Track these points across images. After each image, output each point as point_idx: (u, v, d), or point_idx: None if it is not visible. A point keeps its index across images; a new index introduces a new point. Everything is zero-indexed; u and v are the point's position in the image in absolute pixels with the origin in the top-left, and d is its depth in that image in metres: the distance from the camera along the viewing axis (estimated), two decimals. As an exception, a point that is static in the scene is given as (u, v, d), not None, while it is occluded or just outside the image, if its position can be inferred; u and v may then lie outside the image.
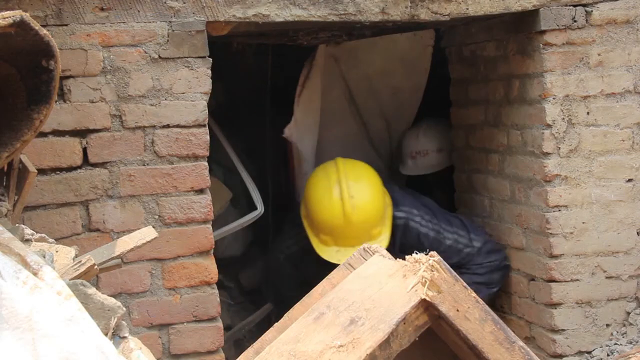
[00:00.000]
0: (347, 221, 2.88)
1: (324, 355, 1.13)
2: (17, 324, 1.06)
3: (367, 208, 2.91)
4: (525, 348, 1.19)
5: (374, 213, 2.93)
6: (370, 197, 2.94)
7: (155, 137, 2.44)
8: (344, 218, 2.88)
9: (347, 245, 2.88)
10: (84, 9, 2.36)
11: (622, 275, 2.89)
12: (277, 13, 2.52)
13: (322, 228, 2.93)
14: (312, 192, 2.99)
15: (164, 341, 2.46)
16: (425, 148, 3.68)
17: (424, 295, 1.15)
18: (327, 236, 2.92)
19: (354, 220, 2.88)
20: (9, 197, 1.67)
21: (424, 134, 3.70)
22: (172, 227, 2.46)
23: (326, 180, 2.97)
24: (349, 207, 2.88)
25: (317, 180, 3.01)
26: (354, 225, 2.88)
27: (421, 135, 3.70)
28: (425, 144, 3.69)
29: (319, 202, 2.94)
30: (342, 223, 2.88)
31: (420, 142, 3.69)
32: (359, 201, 2.90)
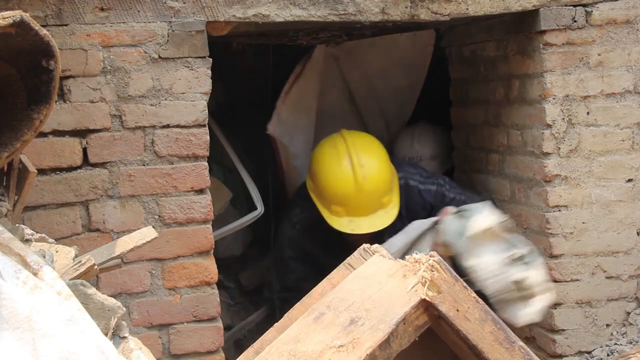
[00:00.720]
0: (359, 190, 2.88)
1: (324, 355, 1.13)
2: (17, 324, 1.06)
3: (377, 176, 2.92)
4: (525, 348, 1.19)
5: (383, 181, 2.93)
6: (379, 165, 2.95)
7: (155, 137, 2.44)
8: (356, 187, 2.88)
9: (360, 214, 2.89)
10: (84, 9, 2.36)
11: (622, 275, 2.89)
12: (277, 13, 2.52)
13: (334, 199, 2.91)
14: (321, 164, 2.98)
15: (164, 341, 2.46)
16: (418, 154, 3.68)
17: (424, 295, 1.15)
18: (339, 207, 2.90)
19: (366, 189, 2.88)
20: (9, 197, 1.67)
21: (417, 141, 3.71)
22: (172, 227, 2.46)
23: (335, 152, 2.97)
24: (360, 176, 2.88)
25: (325, 152, 3.01)
26: (366, 194, 2.88)
27: (415, 142, 3.71)
28: (418, 151, 3.69)
29: (330, 173, 2.93)
30: (355, 192, 2.88)
31: (414, 149, 3.70)
32: (370, 170, 2.90)
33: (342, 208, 2.89)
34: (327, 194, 2.92)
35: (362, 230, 2.86)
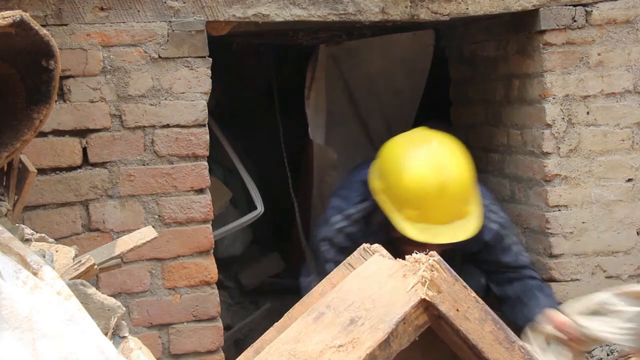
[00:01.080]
0: (441, 192, 2.48)
1: (324, 355, 1.13)
2: (17, 324, 1.06)
3: (462, 178, 2.53)
4: (525, 348, 1.19)
5: (467, 185, 2.57)
6: (464, 167, 2.57)
7: (155, 137, 2.44)
8: (439, 188, 2.48)
9: (437, 221, 2.50)
10: (83, 8, 2.36)
11: (622, 275, 2.89)
12: (277, 13, 2.52)
13: (410, 201, 2.50)
14: (398, 161, 2.57)
15: (164, 341, 2.46)
16: None
17: (423, 295, 1.15)
18: (414, 211, 2.49)
19: (449, 191, 2.48)
20: (8, 197, 1.67)
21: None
22: (172, 226, 2.46)
23: (414, 148, 2.59)
24: (444, 176, 2.49)
25: (403, 148, 2.62)
26: (448, 197, 2.50)
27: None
28: None
29: (408, 170, 2.51)
30: (436, 194, 2.48)
31: None
32: (454, 171, 2.52)
33: (418, 212, 2.50)
34: (402, 195, 2.51)
35: (439, 239, 2.46)
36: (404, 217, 2.50)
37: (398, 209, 2.52)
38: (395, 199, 2.53)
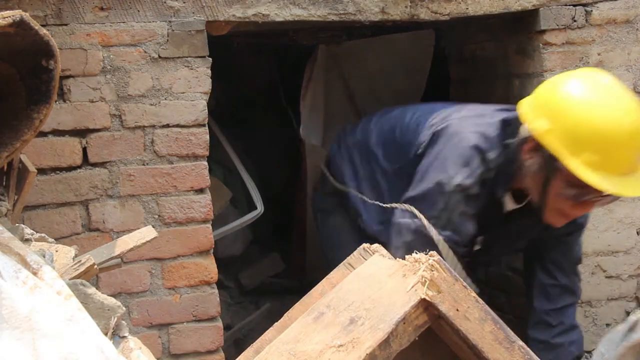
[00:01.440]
0: (632, 137, 2.13)
1: (323, 354, 1.13)
2: (17, 324, 1.06)
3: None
4: (525, 348, 1.19)
5: None
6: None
7: (155, 136, 2.44)
8: (630, 132, 2.11)
9: (616, 171, 2.12)
10: (83, 8, 2.36)
11: (622, 275, 2.89)
12: (277, 13, 2.52)
13: (593, 144, 2.11)
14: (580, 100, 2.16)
15: (164, 341, 2.47)
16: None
17: (423, 295, 1.15)
18: (594, 156, 2.10)
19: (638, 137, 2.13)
20: (8, 197, 1.67)
21: None
22: (172, 226, 2.46)
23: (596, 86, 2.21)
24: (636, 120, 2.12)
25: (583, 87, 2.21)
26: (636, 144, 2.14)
27: None
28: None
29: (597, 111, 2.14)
30: (627, 139, 2.12)
31: None
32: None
33: (599, 158, 2.11)
34: (585, 136, 2.12)
35: (628, 191, 2.13)
36: (580, 163, 2.10)
37: (574, 153, 2.11)
38: (572, 141, 2.13)
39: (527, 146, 2.20)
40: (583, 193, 2.13)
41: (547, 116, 2.17)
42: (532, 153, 2.19)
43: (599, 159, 2.09)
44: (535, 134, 2.16)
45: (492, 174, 2.25)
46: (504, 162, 2.25)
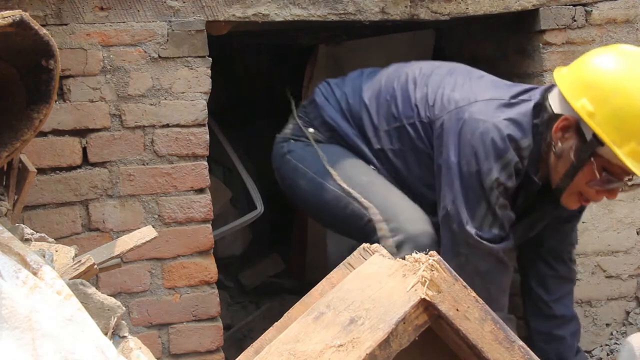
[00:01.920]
0: None
1: (323, 354, 1.13)
2: (17, 324, 1.06)
3: None
4: (525, 347, 1.19)
5: None
6: None
7: (155, 136, 2.44)
8: None
9: None
10: (83, 8, 2.36)
11: (622, 275, 2.89)
12: (276, 12, 2.52)
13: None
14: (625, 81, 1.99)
15: (164, 341, 2.47)
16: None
17: (423, 295, 1.15)
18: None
19: None
20: (8, 197, 1.67)
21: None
22: (171, 226, 2.46)
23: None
24: None
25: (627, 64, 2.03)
26: None
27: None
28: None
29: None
30: None
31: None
32: None
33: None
34: (634, 125, 1.98)
35: None
36: (624, 152, 1.98)
37: (619, 141, 1.98)
38: (620, 129, 1.98)
39: (560, 124, 2.08)
40: (615, 181, 2.06)
41: (590, 97, 2.01)
42: (565, 133, 2.08)
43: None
44: (576, 116, 2.03)
45: (526, 161, 2.13)
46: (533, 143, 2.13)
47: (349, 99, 2.45)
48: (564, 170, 2.11)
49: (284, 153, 2.52)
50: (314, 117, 2.51)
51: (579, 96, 2.02)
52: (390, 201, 2.28)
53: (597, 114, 1.99)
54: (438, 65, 2.43)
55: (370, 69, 2.55)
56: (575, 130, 2.06)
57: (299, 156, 2.47)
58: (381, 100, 2.38)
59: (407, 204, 2.28)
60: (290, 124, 2.59)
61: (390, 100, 2.35)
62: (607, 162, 2.03)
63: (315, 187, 2.38)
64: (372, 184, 2.32)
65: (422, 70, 2.38)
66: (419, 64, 2.44)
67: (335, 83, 2.56)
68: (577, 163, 2.07)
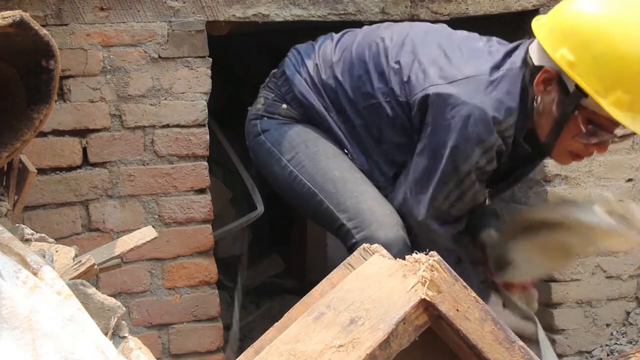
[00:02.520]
0: None
1: (323, 355, 1.13)
2: (17, 324, 1.06)
3: None
4: (525, 348, 1.19)
5: None
6: None
7: (155, 136, 2.44)
8: None
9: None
10: (84, 8, 2.36)
11: (622, 275, 2.89)
12: (277, 13, 2.52)
13: (627, 82, 1.86)
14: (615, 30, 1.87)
15: (164, 341, 2.47)
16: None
17: (423, 295, 1.15)
18: (626, 95, 1.86)
19: None
20: (8, 197, 1.67)
21: None
22: (172, 226, 2.46)
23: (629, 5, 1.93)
24: None
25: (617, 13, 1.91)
26: None
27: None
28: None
29: (629, 42, 1.86)
30: None
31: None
32: None
33: (631, 97, 1.88)
34: (618, 73, 1.87)
35: None
36: (609, 102, 1.87)
37: (603, 91, 1.87)
38: (602, 78, 1.87)
39: (540, 77, 1.97)
40: (602, 134, 1.95)
41: (570, 46, 1.90)
42: (547, 86, 1.97)
43: (630, 99, 1.86)
44: (556, 67, 1.93)
45: (510, 139, 2.02)
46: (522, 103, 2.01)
47: (321, 73, 2.27)
48: (549, 126, 2.00)
49: (257, 132, 2.37)
50: (286, 92, 2.33)
51: (558, 46, 1.91)
52: (363, 205, 2.18)
53: (578, 63, 1.88)
54: (409, 29, 2.23)
55: (340, 34, 2.35)
56: (557, 82, 1.95)
57: (273, 139, 2.32)
58: (354, 75, 2.21)
59: (379, 207, 2.17)
60: (261, 97, 2.41)
61: (364, 76, 2.19)
62: (592, 113, 1.92)
63: (289, 176, 2.27)
64: (345, 182, 2.21)
65: (394, 39, 2.20)
66: (390, 29, 2.27)
67: (305, 52, 2.36)
68: (561, 118, 1.96)
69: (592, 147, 2.00)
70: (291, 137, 2.29)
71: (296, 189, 2.27)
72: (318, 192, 2.22)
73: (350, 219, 2.17)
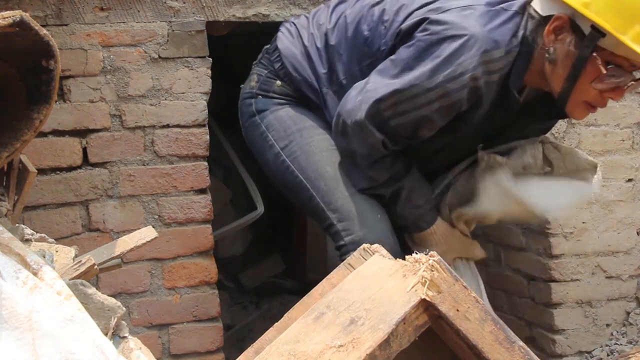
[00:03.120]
0: None
1: (324, 355, 1.13)
2: (17, 324, 1.06)
3: None
4: (525, 348, 1.19)
5: None
6: None
7: (155, 137, 2.44)
8: None
9: None
10: (84, 9, 2.36)
11: (622, 275, 2.89)
12: (277, 13, 2.52)
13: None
14: None
15: (164, 341, 2.47)
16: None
17: (423, 295, 1.15)
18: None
19: None
20: (9, 197, 1.67)
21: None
22: (172, 227, 2.46)
23: None
24: None
25: None
26: None
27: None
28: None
29: None
30: None
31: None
32: None
33: None
34: (636, 5, 1.85)
35: None
36: (630, 38, 1.81)
37: (622, 27, 1.81)
38: (619, 13, 1.82)
39: (552, 26, 1.91)
40: (622, 74, 1.88)
41: None
42: (559, 34, 1.91)
43: None
44: (568, 12, 1.87)
45: (495, 77, 1.94)
46: (517, 55, 1.93)
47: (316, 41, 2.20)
48: (565, 75, 1.92)
49: (252, 112, 2.29)
50: (279, 68, 2.25)
51: None
52: (353, 207, 2.13)
53: (594, 1, 1.83)
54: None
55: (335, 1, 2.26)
56: (570, 27, 1.89)
57: (268, 122, 2.25)
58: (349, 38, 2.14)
59: (370, 210, 2.13)
60: (254, 74, 2.33)
61: (360, 37, 2.11)
62: (610, 55, 1.86)
63: (281, 165, 2.22)
64: (337, 180, 2.15)
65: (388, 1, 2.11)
66: None
67: (299, 23, 2.29)
68: (578, 62, 1.88)
69: (608, 93, 1.94)
70: (286, 124, 2.23)
71: (288, 180, 2.22)
72: (310, 187, 2.18)
73: (340, 220, 2.13)
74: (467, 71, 1.89)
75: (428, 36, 1.92)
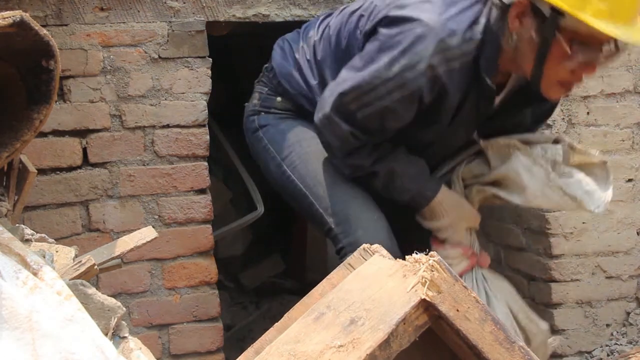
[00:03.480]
0: None
1: (324, 355, 1.13)
2: (17, 324, 1.06)
3: None
4: (525, 348, 1.19)
5: None
6: None
7: (155, 137, 2.44)
8: None
9: (623, 19, 1.90)
10: (84, 9, 2.36)
11: (622, 275, 2.89)
12: (277, 13, 2.52)
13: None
14: None
15: (164, 341, 2.47)
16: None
17: (423, 295, 1.15)
18: (604, 3, 1.85)
19: None
20: (9, 197, 1.67)
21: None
22: (172, 227, 2.46)
23: None
24: None
25: None
26: None
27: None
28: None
29: None
30: None
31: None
32: None
33: (608, 5, 1.87)
34: None
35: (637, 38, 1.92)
36: (589, 14, 1.84)
37: (578, 4, 1.85)
38: None
39: (514, 12, 1.94)
40: (587, 51, 1.90)
41: None
42: (522, 19, 1.93)
43: (608, 7, 1.85)
44: None
45: (456, 64, 1.94)
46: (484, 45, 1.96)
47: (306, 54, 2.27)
48: (532, 58, 1.95)
49: (255, 128, 2.36)
50: (277, 84, 2.33)
51: None
52: (350, 210, 2.18)
53: None
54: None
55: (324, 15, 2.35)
56: (531, 11, 1.91)
57: (270, 135, 2.32)
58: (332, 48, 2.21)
59: (367, 213, 2.17)
60: (256, 92, 2.41)
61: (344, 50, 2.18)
62: (573, 33, 1.88)
63: (282, 175, 2.28)
64: (334, 186, 2.21)
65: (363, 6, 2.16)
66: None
67: (291, 39, 2.35)
68: (542, 44, 1.91)
69: (579, 70, 1.95)
70: (287, 136, 2.30)
71: (289, 189, 2.28)
72: (309, 194, 2.24)
73: (338, 224, 2.18)
74: (423, 60, 1.91)
75: (387, 30, 1.97)
